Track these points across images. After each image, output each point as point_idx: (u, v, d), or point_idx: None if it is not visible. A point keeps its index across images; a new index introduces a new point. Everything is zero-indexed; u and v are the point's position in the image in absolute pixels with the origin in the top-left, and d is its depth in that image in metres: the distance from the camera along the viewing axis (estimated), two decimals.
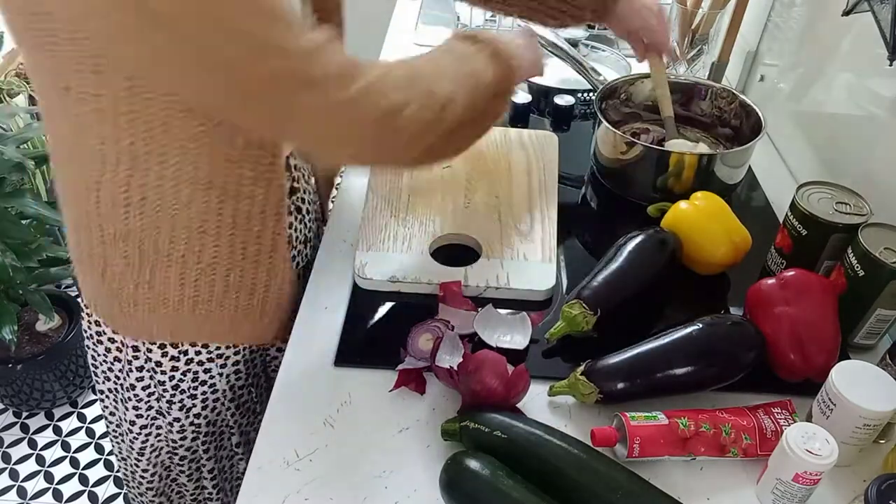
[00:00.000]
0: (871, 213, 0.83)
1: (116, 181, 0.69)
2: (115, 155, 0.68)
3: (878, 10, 0.85)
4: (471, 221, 0.96)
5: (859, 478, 0.70)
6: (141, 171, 0.69)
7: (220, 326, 0.83)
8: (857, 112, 1.00)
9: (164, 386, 0.87)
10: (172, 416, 0.91)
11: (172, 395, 0.88)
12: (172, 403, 0.89)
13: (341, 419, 0.74)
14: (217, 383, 0.89)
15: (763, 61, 1.30)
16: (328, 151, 0.71)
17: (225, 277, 0.79)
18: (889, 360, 0.73)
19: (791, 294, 0.77)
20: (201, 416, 0.92)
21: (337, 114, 0.62)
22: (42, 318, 1.81)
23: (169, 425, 0.92)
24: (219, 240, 0.76)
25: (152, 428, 0.93)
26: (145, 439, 0.94)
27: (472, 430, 0.68)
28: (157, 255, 0.75)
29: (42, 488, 1.72)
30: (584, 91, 1.28)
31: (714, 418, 0.71)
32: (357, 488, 0.68)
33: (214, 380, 0.89)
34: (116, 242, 0.74)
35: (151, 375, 0.87)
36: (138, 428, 0.93)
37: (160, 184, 0.70)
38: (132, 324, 0.81)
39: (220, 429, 0.96)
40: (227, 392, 0.91)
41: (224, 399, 0.92)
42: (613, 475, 0.64)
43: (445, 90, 0.69)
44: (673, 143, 1.07)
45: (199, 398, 0.89)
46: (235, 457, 1.01)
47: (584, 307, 0.79)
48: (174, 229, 0.74)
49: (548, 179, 1.04)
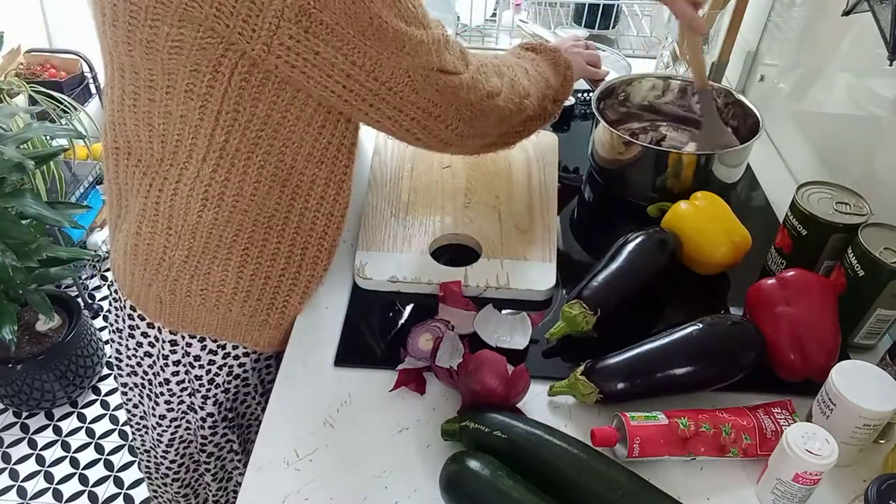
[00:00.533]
0: (871, 213, 0.83)
1: (201, 176, 0.71)
2: (205, 150, 0.70)
3: (878, 10, 0.85)
4: (471, 221, 0.96)
5: (859, 478, 0.70)
6: (226, 167, 0.71)
7: (265, 328, 0.84)
8: (857, 112, 1.00)
9: (201, 381, 0.88)
10: (206, 411, 0.91)
11: (208, 389, 0.88)
12: (207, 399, 0.89)
13: (341, 419, 0.74)
14: (250, 378, 0.90)
15: (763, 61, 1.30)
16: (433, 129, 0.74)
17: (279, 277, 0.81)
18: (889, 360, 0.73)
19: (791, 294, 0.77)
20: (233, 411, 0.92)
21: (454, 94, 0.71)
22: (42, 318, 1.81)
23: (201, 420, 0.92)
24: (283, 236, 0.78)
25: (182, 421, 0.94)
26: (174, 431, 0.95)
27: (472, 430, 0.68)
28: (219, 247, 0.76)
29: (42, 488, 1.72)
30: (583, 91, 1.28)
31: (714, 418, 0.71)
32: (357, 488, 0.68)
33: (248, 374, 0.89)
34: (183, 235, 0.75)
35: (188, 370, 0.87)
36: (168, 421, 0.93)
37: (243, 179, 0.72)
38: (180, 316, 0.82)
39: (248, 422, 0.97)
40: (258, 387, 0.92)
41: (255, 394, 0.93)
42: (613, 475, 0.64)
43: (524, 85, 0.82)
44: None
45: (232, 392, 0.90)
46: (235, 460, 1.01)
47: (584, 307, 0.79)
48: (243, 222, 0.75)
49: (548, 179, 1.04)
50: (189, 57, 0.64)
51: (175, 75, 0.66)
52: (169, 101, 0.68)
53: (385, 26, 0.63)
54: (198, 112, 0.68)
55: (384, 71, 0.66)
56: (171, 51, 0.64)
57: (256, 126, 0.69)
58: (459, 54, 0.73)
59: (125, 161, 0.76)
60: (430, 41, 0.67)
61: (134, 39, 0.65)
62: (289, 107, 0.69)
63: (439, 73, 0.69)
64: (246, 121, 0.69)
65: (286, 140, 0.71)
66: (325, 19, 0.60)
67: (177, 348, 0.85)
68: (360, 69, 0.65)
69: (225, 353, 0.86)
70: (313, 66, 0.64)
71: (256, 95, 0.67)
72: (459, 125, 0.75)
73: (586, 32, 1.47)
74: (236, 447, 0.97)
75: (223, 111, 0.67)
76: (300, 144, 0.72)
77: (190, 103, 0.67)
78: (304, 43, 0.62)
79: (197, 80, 0.66)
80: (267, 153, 0.71)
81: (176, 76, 0.66)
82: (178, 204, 0.74)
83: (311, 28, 0.61)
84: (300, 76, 0.65)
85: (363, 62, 0.64)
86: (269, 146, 0.71)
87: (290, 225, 0.78)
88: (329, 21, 0.61)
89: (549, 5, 1.60)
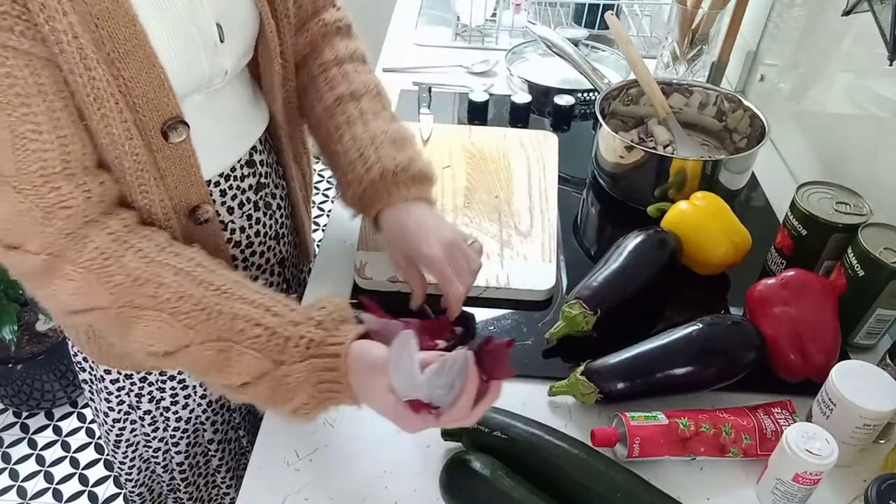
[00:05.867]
0: (871, 213, 0.83)
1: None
2: None
3: (878, 10, 0.85)
4: (471, 221, 0.96)
5: (859, 478, 0.70)
6: None
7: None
8: (857, 112, 1.00)
9: (132, 379, 0.88)
10: (143, 409, 0.91)
11: (141, 387, 0.88)
12: (142, 396, 0.89)
13: (341, 419, 0.74)
14: (186, 379, 0.90)
15: (763, 61, 1.30)
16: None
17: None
18: (889, 360, 0.73)
19: (791, 294, 0.77)
20: (170, 411, 0.92)
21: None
22: (42, 318, 1.81)
23: (140, 419, 0.92)
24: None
25: (126, 423, 0.94)
26: (119, 432, 0.95)
27: (472, 430, 0.68)
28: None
29: (42, 488, 1.72)
30: (584, 91, 1.28)
31: (714, 418, 0.71)
32: (357, 488, 0.68)
33: (183, 375, 0.89)
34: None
35: (119, 369, 0.87)
36: (111, 420, 0.94)
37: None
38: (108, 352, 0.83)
39: (195, 426, 0.95)
40: (196, 388, 0.91)
41: (194, 395, 0.91)
42: (613, 475, 0.64)
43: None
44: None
45: (168, 392, 0.90)
46: (209, 453, 1.00)
47: (584, 307, 0.79)
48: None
49: (547, 179, 1.04)
50: None
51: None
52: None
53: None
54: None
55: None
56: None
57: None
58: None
59: None
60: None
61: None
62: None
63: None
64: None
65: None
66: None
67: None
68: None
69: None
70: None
71: None
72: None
73: (586, 32, 1.47)
74: (182, 448, 0.97)
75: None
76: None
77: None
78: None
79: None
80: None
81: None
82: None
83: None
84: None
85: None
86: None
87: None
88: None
89: (549, 5, 1.60)
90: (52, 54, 0.57)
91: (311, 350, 0.62)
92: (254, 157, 0.83)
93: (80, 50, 0.58)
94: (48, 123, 0.59)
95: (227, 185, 0.80)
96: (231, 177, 0.80)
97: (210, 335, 0.63)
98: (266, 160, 0.86)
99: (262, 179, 0.85)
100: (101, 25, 0.58)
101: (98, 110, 0.61)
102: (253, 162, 0.83)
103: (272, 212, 0.89)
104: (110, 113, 0.62)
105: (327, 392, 0.62)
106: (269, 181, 0.87)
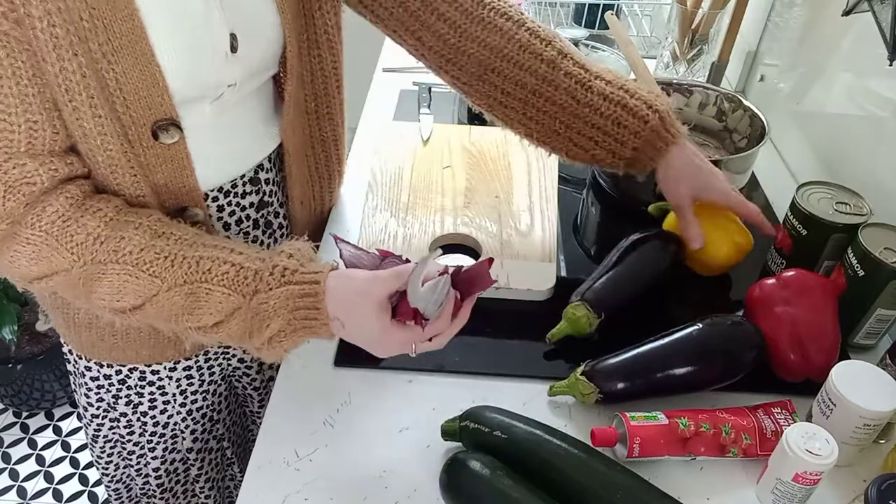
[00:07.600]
0: (871, 213, 0.83)
1: None
2: None
3: (878, 10, 0.85)
4: (471, 221, 0.96)
5: (859, 478, 0.70)
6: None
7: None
8: (858, 112, 1.00)
9: (111, 380, 0.87)
10: (119, 410, 0.90)
11: (119, 388, 0.88)
12: (119, 398, 0.89)
13: (341, 419, 0.74)
14: (166, 386, 0.89)
15: (763, 61, 1.30)
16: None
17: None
18: (889, 360, 0.73)
19: (791, 294, 0.77)
20: (147, 415, 0.91)
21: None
22: (42, 318, 1.81)
23: (116, 420, 0.92)
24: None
25: (105, 420, 0.93)
26: (97, 428, 0.94)
27: (472, 430, 0.68)
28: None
29: (42, 488, 1.72)
30: None
31: (714, 418, 0.71)
32: (357, 488, 0.68)
33: (163, 382, 0.88)
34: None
35: (99, 367, 0.87)
36: (90, 415, 0.93)
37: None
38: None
39: (174, 432, 0.94)
40: (176, 396, 0.90)
41: (174, 402, 0.91)
42: (613, 475, 0.64)
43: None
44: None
45: (147, 396, 0.89)
46: (188, 461, 0.99)
47: (589, 309, 0.79)
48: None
49: (547, 180, 1.04)
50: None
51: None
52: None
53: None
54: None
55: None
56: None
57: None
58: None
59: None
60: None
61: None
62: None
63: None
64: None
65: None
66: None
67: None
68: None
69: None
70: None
71: None
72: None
73: (586, 32, 1.47)
74: (158, 453, 0.96)
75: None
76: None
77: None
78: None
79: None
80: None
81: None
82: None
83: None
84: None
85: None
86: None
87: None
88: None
89: (549, 5, 1.60)
90: (30, 39, 0.57)
91: (287, 277, 0.63)
92: (259, 175, 0.81)
93: (53, 39, 0.57)
94: (18, 107, 0.59)
95: (225, 200, 0.79)
96: (231, 192, 0.79)
97: (177, 280, 0.63)
98: (273, 178, 0.84)
99: (265, 198, 0.84)
100: (95, 16, 0.58)
101: (69, 102, 0.61)
102: (257, 179, 0.81)
103: (272, 231, 0.87)
104: (81, 106, 0.61)
105: (303, 320, 0.63)
106: (273, 200, 0.85)
